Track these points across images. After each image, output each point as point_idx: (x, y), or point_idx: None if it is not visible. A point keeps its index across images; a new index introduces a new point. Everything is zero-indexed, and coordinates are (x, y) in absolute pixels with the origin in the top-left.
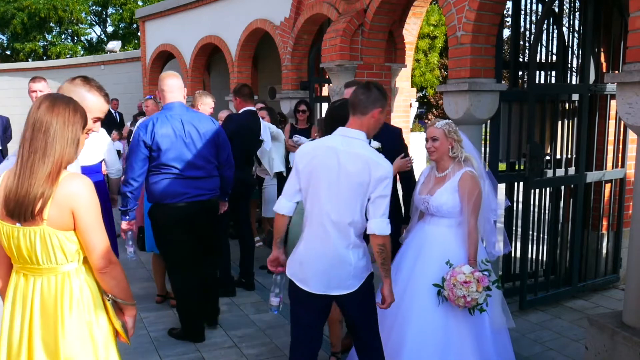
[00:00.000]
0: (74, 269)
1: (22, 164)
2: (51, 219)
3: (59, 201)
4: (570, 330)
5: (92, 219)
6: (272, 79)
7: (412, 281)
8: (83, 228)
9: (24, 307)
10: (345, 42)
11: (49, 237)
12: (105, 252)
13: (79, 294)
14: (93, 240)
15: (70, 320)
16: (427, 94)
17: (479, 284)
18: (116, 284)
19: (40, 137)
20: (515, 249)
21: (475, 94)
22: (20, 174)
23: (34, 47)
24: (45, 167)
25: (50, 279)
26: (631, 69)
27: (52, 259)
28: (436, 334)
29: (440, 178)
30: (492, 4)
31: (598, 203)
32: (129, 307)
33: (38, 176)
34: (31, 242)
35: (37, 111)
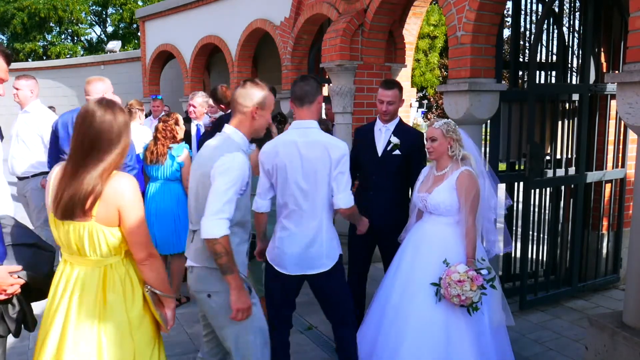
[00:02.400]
0: (117, 262)
1: (76, 164)
2: (99, 215)
3: (107, 199)
4: (570, 330)
5: (135, 215)
6: (272, 79)
7: (411, 279)
8: (127, 224)
9: (64, 292)
10: (345, 42)
11: (96, 232)
12: (145, 246)
13: (121, 285)
14: (135, 235)
15: (112, 309)
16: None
17: (473, 282)
18: (155, 276)
19: (93, 139)
20: (515, 249)
21: (475, 94)
22: (73, 173)
23: (34, 47)
24: (98, 168)
25: (95, 270)
26: (631, 69)
27: (97, 252)
28: (436, 331)
29: (439, 177)
30: (492, 4)
31: (598, 203)
32: (168, 300)
33: (92, 176)
34: (80, 236)
35: (92, 114)
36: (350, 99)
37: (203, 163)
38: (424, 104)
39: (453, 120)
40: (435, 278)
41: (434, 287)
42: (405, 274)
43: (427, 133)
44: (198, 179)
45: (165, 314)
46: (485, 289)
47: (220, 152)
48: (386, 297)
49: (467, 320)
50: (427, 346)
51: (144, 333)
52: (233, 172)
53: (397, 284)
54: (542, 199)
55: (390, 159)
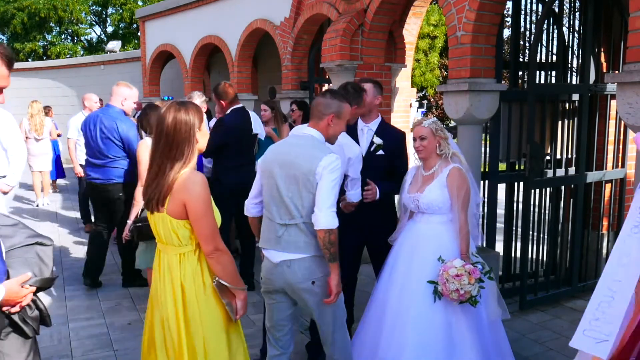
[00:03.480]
0: (188, 252)
1: (156, 161)
2: (169, 208)
3: (175, 194)
4: (570, 330)
5: (201, 210)
6: (272, 79)
7: (409, 280)
8: (193, 218)
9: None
10: (345, 42)
11: (169, 223)
12: (211, 240)
13: (192, 274)
14: (201, 229)
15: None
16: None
17: (471, 276)
18: (222, 268)
19: (165, 143)
20: (515, 249)
21: (475, 94)
22: (155, 170)
23: (34, 47)
24: (171, 165)
25: (174, 257)
26: (631, 69)
27: (170, 241)
28: (438, 331)
29: (428, 176)
30: (492, 4)
31: (598, 203)
32: (238, 291)
33: (166, 172)
34: (158, 224)
35: (166, 116)
36: None
37: (299, 162)
38: (424, 104)
39: (453, 120)
40: (432, 277)
41: (431, 285)
42: (402, 274)
43: (416, 132)
44: (295, 176)
45: (234, 304)
46: (483, 281)
47: (320, 152)
48: (384, 298)
49: (467, 317)
50: (430, 346)
51: (213, 320)
52: (337, 171)
53: (394, 285)
54: (542, 199)
55: (374, 160)
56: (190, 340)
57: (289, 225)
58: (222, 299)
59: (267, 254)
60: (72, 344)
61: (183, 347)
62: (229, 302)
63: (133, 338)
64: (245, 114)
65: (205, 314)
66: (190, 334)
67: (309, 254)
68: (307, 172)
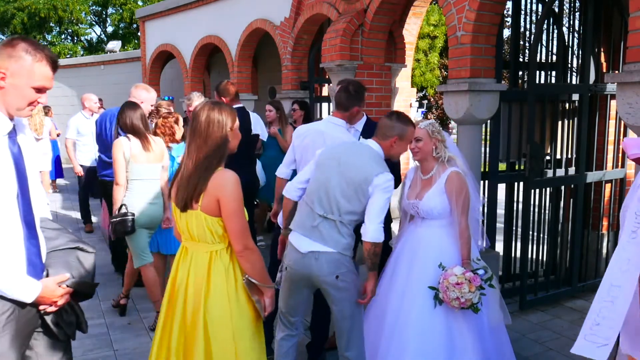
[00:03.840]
0: (220, 249)
1: (187, 163)
2: (203, 205)
3: (209, 191)
4: (570, 330)
5: (233, 208)
6: (272, 79)
7: (410, 285)
8: (225, 215)
9: (183, 272)
10: (345, 42)
11: (203, 220)
12: (242, 238)
13: (225, 272)
14: (232, 226)
15: (215, 292)
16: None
17: (471, 284)
18: (251, 267)
19: (199, 141)
20: (515, 249)
21: (475, 94)
22: (190, 167)
23: None
24: (205, 163)
25: (204, 255)
26: (631, 69)
27: (203, 238)
28: (439, 335)
29: (427, 180)
30: (492, 4)
31: (598, 203)
32: (266, 289)
33: (201, 171)
34: (191, 223)
35: (196, 119)
36: None
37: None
38: (424, 104)
39: (453, 120)
40: (433, 282)
41: (432, 290)
42: (402, 278)
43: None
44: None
45: (263, 302)
46: (483, 289)
47: (378, 167)
48: (384, 302)
49: (468, 322)
50: (431, 351)
51: (243, 317)
52: (391, 191)
53: (394, 289)
54: (542, 199)
55: None
56: (208, 342)
57: (326, 219)
58: (252, 297)
59: (296, 240)
60: (71, 344)
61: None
62: (259, 300)
63: (133, 338)
64: (244, 114)
65: (236, 312)
66: (209, 334)
67: (337, 250)
68: (363, 180)
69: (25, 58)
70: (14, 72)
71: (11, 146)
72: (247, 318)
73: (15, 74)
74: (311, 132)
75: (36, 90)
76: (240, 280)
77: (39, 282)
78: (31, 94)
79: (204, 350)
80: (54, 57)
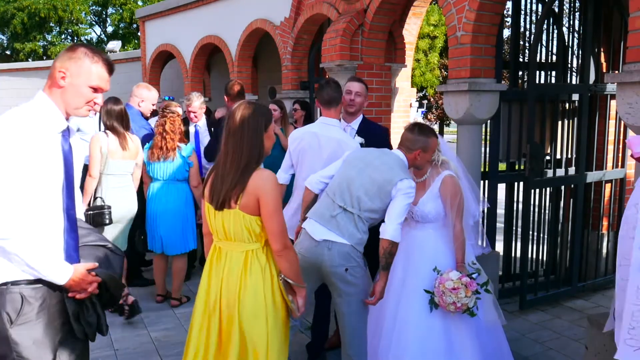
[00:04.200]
0: (257, 249)
1: (224, 162)
2: (242, 204)
3: (249, 190)
4: (570, 330)
5: (273, 207)
6: (272, 79)
7: (406, 287)
8: (264, 214)
9: (217, 272)
10: (345, 42)
11: (242, 219)
12: (281, 237)
13: (261, 271)
14: (272, 226)
15: (250, 292)
16: (427, 94)
17: (467, 289)
18: (289, 266)
19: (235, 141)
20: (515, 249)
21: (475, 94)
22: (226, 167)
23: (34, 47)
24: (244, 163)
25: (239, 254)
26: (631, 69)
27: (240, 237)
28: (437, 337)
29: (420, 184)
30: (492, 4)
31: (598, 203)
32: (300, 288)
33: (239, 170)
34: (228, 222)
35: (232, 118)
36: None
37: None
38: (424, 104)
39: (453, 120)
40: (428, 285)
41: (428, 294)
42: (398, 281)
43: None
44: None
45: (296, 302)
46: (479, 293)
47: (403, 174)
48: (381, 305)
49: (466, 322)
50: (430, 352)
51: (277, 317)
52: (412, 197)
53: (390, 292)
54: (542, 199)
55: None
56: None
57: (346, 211)
58: (287, 296)
59: (311, 228)
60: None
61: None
62: (293, 300)
63: (133, 338)
64: None
65: (271, 312)
66: (244, 333)
67: (351, 242)
68: (387, 182)
69: (84, 59)
70: (73, 72)
71: (63, 143)
72: (280, 319)
73: (75, 74)
74: (306, 135)
75: (93, 90)
76: (276, 281)
77: (72, 266)
78: (88, 93)
79: (238, 348)
80: (110, 61)
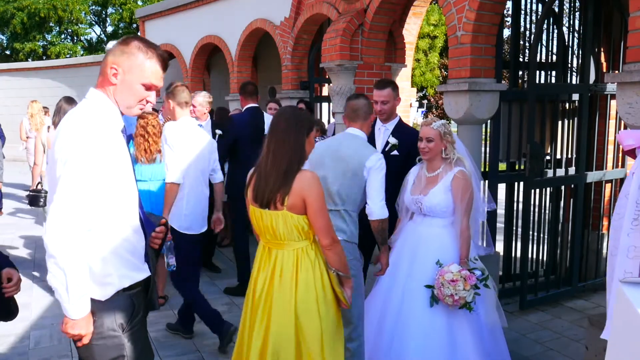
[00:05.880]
0: (306, 246)
1: (265, 163)
2: (289, 205)
3: (294, 193)
4: (570, 330)
5: (319, 206)
6: (272, 79)
7: (409, 284)
8: (311, 213)
9: (266, 272)
10: (345, 42)
11: (290, 219)
12: (329, 232)
13: (312, 267)
14: (319, 223)
15: (303, 287)
16: (427, 93)
17: (466, 282)
18: (338, 259)
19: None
20: (515, 249)
21: (475, 93)
22: (269, 169)
23: (33, 47)
24: (288, 165)
25: (290, 252)
26: (631, 69)
27: (290, 237)
28: (440, 334)
29: (432, 178)
30: (492, 4)
31: (598, 203)
32: (348, 280)
33: (283, 173)
34: (276, 222)
35: (276, 122)
36: None
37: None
38: (424, 104)
39: (453, 120)
40: (432, 281)
41: (429, 289)
42: (403, 277)
43: (423, 132)
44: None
45: (345, 292)
46: (478, 288)
47: (367, 151)
48: (384, 300)
49: (470, 321)
50: (432, 349)
51: (329, 310)
52: (384, 169)
53: (395, 288)
54: (542, 199)
55: (388, 160)
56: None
57: (331, 211)
58: (340, 288)
59: None
60: (72, 344)
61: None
62: (343, 291)
63: None
64: (257, 113)
65: (323, 307)
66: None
67: (343, 237)
68: (356, 167)
69: (138, 55)
70: (126, 69)
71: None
72: (332, 312)
73: (127, 70)
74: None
75: (146, 87)
76: (325, 277)
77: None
78: (141, 91)
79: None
80: (164, 56)
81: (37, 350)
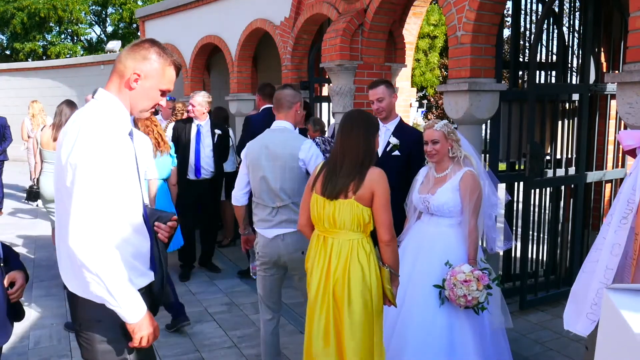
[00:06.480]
0: (360, 239)
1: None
2: (358, 196)
3: (365, 185)
4: (570, 330)
5: (385, 201)
6: (272, 79)
7: (412, 282)
8: (377, 207)
9: (323, 259)
10: (345, 41)
11: (355, 208)
12: (391, 228)
13: (365, 258)
14: (383, 217)
15: (355, 278)
16: (427, 93)
17: (479, 282)
18: (393, 256)
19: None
20: (515, 249)
21: (475, 93)
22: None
23: (33, 47)
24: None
25: (345, 243)
26: (631, 69)
27: (349, 226)
28: (440, 334)
29: (440, 178)
30: (492, 4)
31: (598, 203)
32: (396, 279)
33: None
34: (339, 210)
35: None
36: (350, 99)
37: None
38: (424, 104)
39: (453, 120)
40: (437, 280)
41: (436, 289)
42: (406, 276)
43: (427, 135)
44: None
45: (393, 290)
46: (491, 288)
47: (297, 142)
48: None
49: (470, 322)
50: (431, 349)
51: (378, 304)
52: (320, 155)
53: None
54: (542, 199)
55: (390, 160)
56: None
57: (281, 207)
58: (390, 285)
59: (263, 232)
60: (71, 344)
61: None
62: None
63: None
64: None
65: (376, 298)
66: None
67: (296, 228)
68: (290, 161)
69: (158, 61)
70: (146, 75)
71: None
72: (380, 307)
73: (148, 76)
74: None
75: (161, 93)
76: (376, 270)
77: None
78: (157, 96)
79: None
80: (178, 62)
81: (36, 350)
